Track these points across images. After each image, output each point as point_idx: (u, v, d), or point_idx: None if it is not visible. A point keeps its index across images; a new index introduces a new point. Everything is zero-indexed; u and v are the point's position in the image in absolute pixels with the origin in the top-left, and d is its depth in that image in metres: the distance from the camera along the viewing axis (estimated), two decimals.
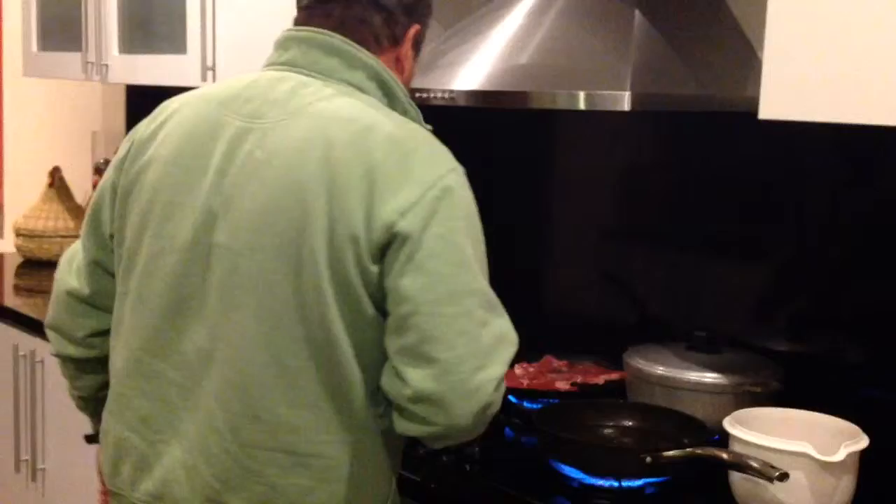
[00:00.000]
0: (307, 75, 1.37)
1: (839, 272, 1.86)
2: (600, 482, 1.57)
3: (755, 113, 1.51)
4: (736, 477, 1.49)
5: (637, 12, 1.77)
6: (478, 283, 1.28)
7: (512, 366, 2.03)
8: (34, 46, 3.16)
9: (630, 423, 1.73)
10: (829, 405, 1.60)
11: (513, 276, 2.32)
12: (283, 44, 1.42)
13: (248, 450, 1.30)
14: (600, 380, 1.95)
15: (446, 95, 1.83)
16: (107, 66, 2.80)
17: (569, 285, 2.26)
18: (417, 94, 1.85)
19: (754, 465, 1.40)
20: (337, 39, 1.37)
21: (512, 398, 1.95)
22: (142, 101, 3.45)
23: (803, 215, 1.91)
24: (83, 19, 2.84)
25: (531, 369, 2.03)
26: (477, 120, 2.20)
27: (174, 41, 2.57)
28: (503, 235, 2.34)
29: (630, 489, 1.57)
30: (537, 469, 1.67)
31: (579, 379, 1.96)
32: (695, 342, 1.85)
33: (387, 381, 1.29)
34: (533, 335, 2.21)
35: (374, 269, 1.25)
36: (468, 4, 2.33)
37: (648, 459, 1.51)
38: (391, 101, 1.39)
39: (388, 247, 1.25)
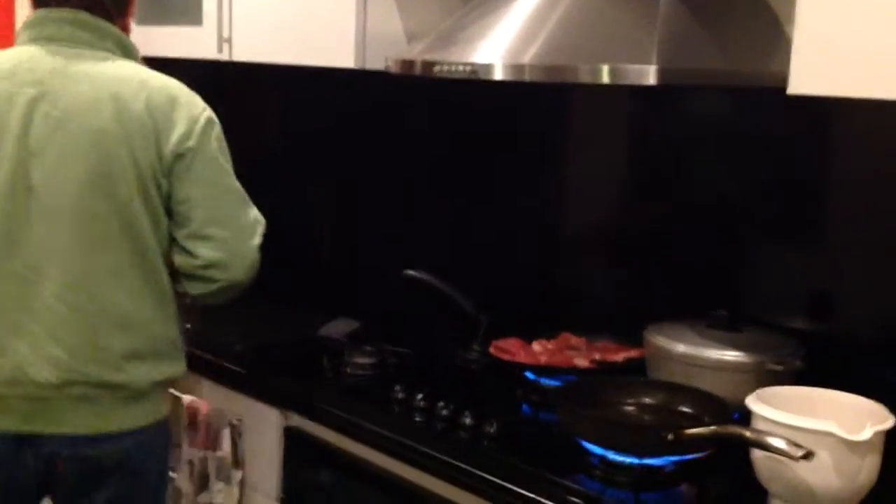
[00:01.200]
0: (71, 47, 1.76)
1: (862, 250, 1.83)
2: (621, 459, 1.55)
3: (782, 88, 1.49)
4: (759, 455, 1.47)
5: None
6: (236, 185, 1.79)
7: (530, 342, 2.04)
8: None
9: (651, 401, 1.72)
10: (851, 385, 1.59)
11: (532, 252, 2.32)
12: (40, 22, 1.79)
13: (90, 327, 1.72)
14: (619, 357, 1.94)
15: (468, 69, 1.80)
16: None
17: (586, 262, 2.24)
18: (437, 68, 1.83)
19: (779, 443, 1.38)
20: (85, 15, 1.76)
21: (530, 374, 1.94)
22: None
23: (827, 192, 1.89)
24: None
25: (549, 346, 2.02)
26: (499, 95, 2.18)
27: (189, 13, 2.55)
28: (523, 211, 2.33)
29: (651, 466, 1.55)
30: (557, 445, 1.67)
31: (598, 356, 1.95)
32: (715, 320, 1.84)
33: (179, 259, 1.77)
34: (550, 312, 2.22)
35: (165, 183, 1.74)
36: None
37: (671, 437, 1.50)
38: (134, 59, 1.82)
39: (173, 166, 1.73)
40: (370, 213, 2.64)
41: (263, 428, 2.02)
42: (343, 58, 2.15)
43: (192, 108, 1.76)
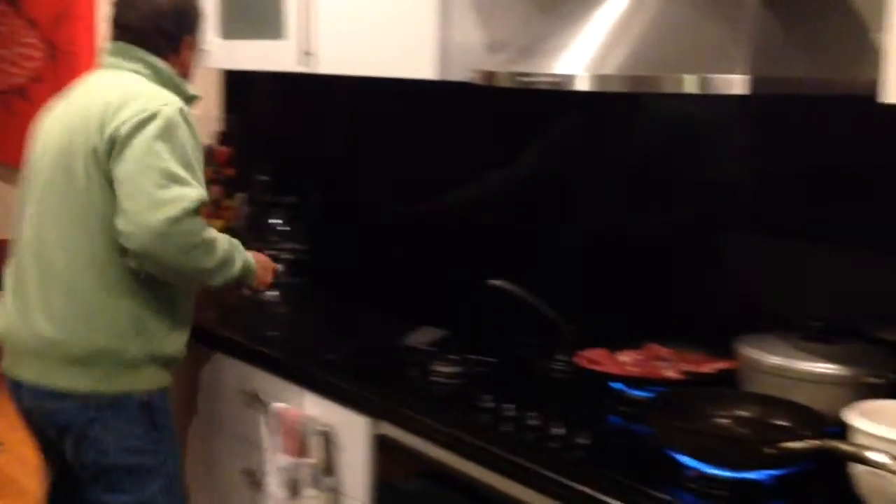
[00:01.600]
0: (107, 69, 2.24)
1: None
2: (717, 472, 1.54)
3: (871, 96, 1.47)
4: (859, 470, 1.45)
5: None
6: (163, 165, 2.02)
7: (615, 352, 2.03)
8: None
9: (745, 414, 1.69)
10: None
11: (619, 263, 2.30)
12: (103, 51, 2.29)
13: (45, 287, 2.13)
14: (710, 368, 1.92)
15: (551, 80, 1.80)
16: (207, 51, 2.83)
17: (671, 272, 2.22)
18: (519, 78, 1.83)
19: (881, 458, 1.36)
20: (124, 45, 2.23)
21: (618, 385, 1.93)
22: (238, 86, 3.51)
23: None
24: None
25: (637, 356, 2.01)
26: (586, 105, 2.18)
27: (273, 27, 2.59)
28: (615, 223, 2.32)
29: (748, 481, 1.54)
30: (650, 458, 1.65)
31: (687, 367, 1.93)
32: (809, 332, 1.81)
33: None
34: (635, 322, 2.20)
35: (107, 162, 2.06)
36: None
37: (769, 450, 1.48)
38: (161, 79, 2.21)
39: (111, 149, 2.06)
40: (454, 223, 2.64)
41: (353, 435, 2.04)
42: (425, 69, 2.16)
43: (144, 104, 2.07)
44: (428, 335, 2.27)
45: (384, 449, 1.97)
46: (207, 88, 3.55)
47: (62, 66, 4.35)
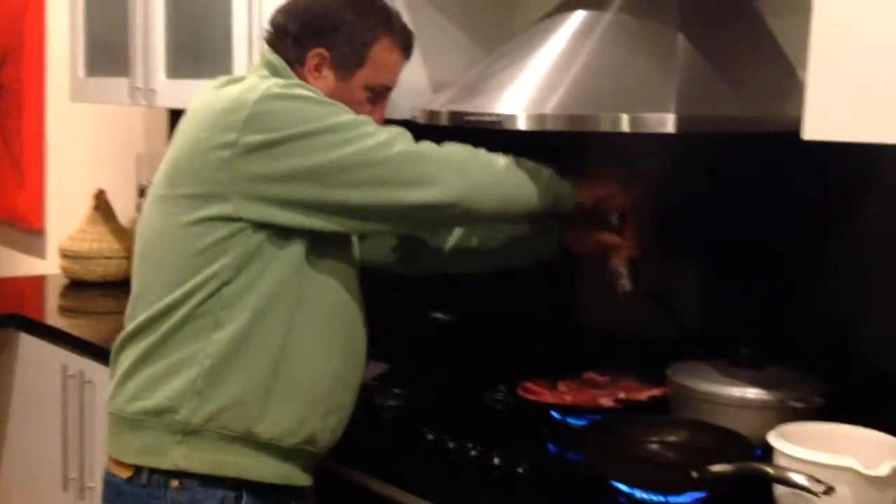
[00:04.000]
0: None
1: (879, 289, 1.88)
2: (648, 497, 1.59)
3: (797, 132, 1.54)
4: (781, 491, 1.51)
5: (680, 35, 1.80)
6: None
7: (555, 383, 2.09)
8: (81, 72, 3.23)
9: (675, 439, 1.76)
10: (871, 420, 1.63)
11: (553, 294, 2.36)
12: None
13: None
14: (643, 396, 1.98)
15: (493, 118, 1.86)
16: (154, 90, 2.87)
17: (607, 303, 2.28)
18: (466, 118, 1.89)
19: (801, 479, 1.42)
20: (266, 50, 1.84)
21: (556, 414, 1.99)
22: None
23: (846, 232, 1.93)
24: (130, 45, 2.92)
25: (574, 386, 2.06)
26: (523, 142, 2.24)
27: (221, 65, 2.63)
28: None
29: None
30: (584, 484, 1.71)
31: (622, 395, 1.99)
32: (738, 358, 1.88)
33: None
34: (574, 352, 2.26)
35: None
36: (509, 29, 2.39)
37: (695, 474, 1.54)
38: (278, 76, 1.78)
39: None
40: None
41: None
42: None
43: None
44: (371, 370, 2.31)
45: (326, 483, 2.00)
46: (154, 126, 3.59)
47: (8, 105, 4.37)
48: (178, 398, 1.69)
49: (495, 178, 1.73)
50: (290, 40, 1.81)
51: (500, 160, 1.75)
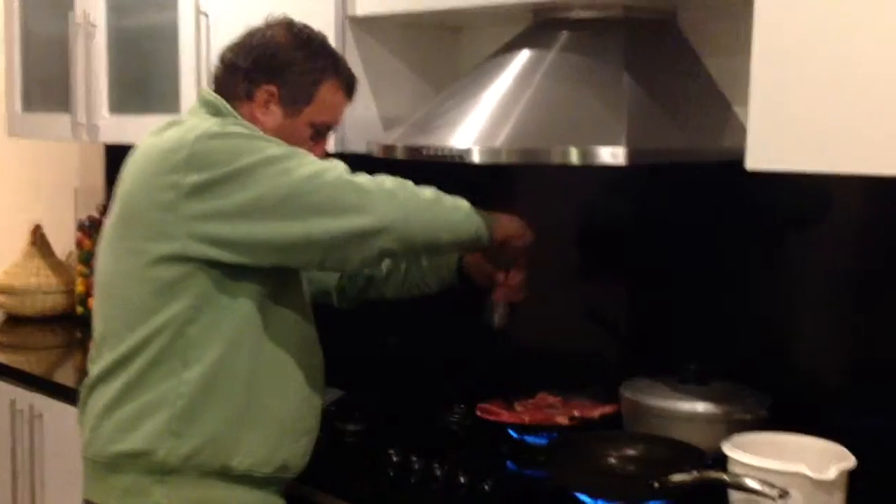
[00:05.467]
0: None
1: (814, 308, 2.02)
2: None
3: (734, 162, 1.66)
4: (737, 497, 1.63)
5: (625, 73, 1.92)
6: None
7: (512, 404, 2.18)
8: (18, 107, 3.23)
9: (633, 452, 1.86)
10: (811, 430, 1.75)
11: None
12: None
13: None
14: (596, 413, 2.09)
15: (450, 152, 1.95)
16: (97, 126, 2.89)
17: (557, 326, 2.39)
18: (424, 152, 1.98)
19: (757, 485, 1.53)
20: (204, 91, 1.92)
21: (513, 433, 2.08)
22: (120, 158, 3.55)
23: (783, 255, 2.07)
24: (72, 80, 2.93)
25: (530, 405, 2.16)
26: (476, 175, 2.33)
27: (167, 101, 2.67)
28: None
29: None
30: (548, 499, 1.80)
31: (576, 413, 2.09)
32: (686, 375, 2.00)
33: None
34: (528, 374, 2.36)
35: None
36: (455, 68, 2.49)
37: (656, 485, 1.64)
38: (219, 115, 1.83)
39: None
40: None
41: None
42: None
43: None
44: (327, 396, 2.36)
45: None
46: (91, 161, 3.60)
47: None
48: (154, 440, 1.73)
49: (424, 205, 1.75)
50: (240, 76, 1.86)
51: (427, 190, 1.78)
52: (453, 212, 1.79)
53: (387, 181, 1.74)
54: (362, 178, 1.73)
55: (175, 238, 1.70)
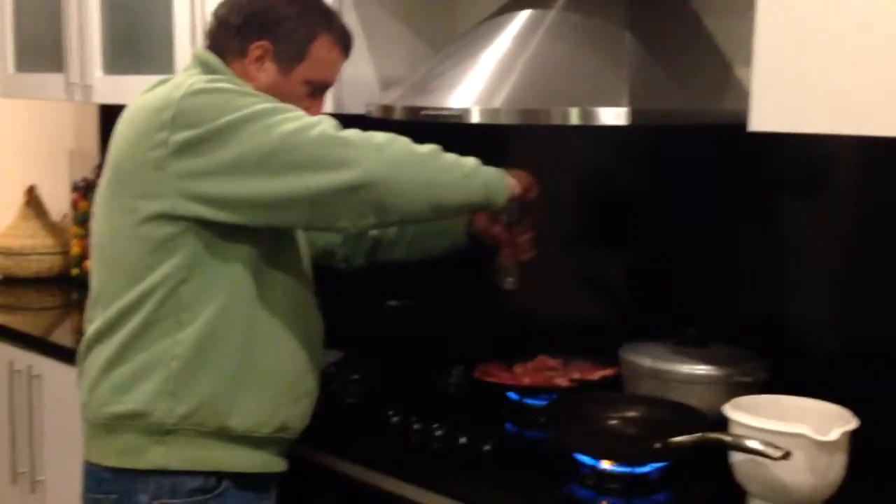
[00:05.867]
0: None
1: (813, 272, 2.02)
2: (612, 468, 1.70)
3: (736, 125, 1.65)
4: (738, 458, 1.63)
5: (627, 32, 1.90)
6: None
7: (511, 366, 2.18)
8: (10, 67, 3.20)
9: (633, 414, 1.86)
10: (810, 393, 1.75)
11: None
12: None
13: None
14: (596, 376, 2.09)
15: (450, 112, 1.93)
16: (90, 86, 2.87)
17: (559, 290, 2.39)
18: (423, 112, 1.96)
19: (760, 446, 1.53)
20: (198, 48, 1.90)
21: (513, 395, 2.08)
22: (114, 118, 3.52)
23: (782, 219, 2.06)
24: (65, 40, 2.90)
25: (529, 368, 2.16)
26: (475, 136, 2.32)
27: (161, 61, 2.64)
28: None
29: (639, 474, 1.70)
30: (548, 459, 1.81)
31: (576, 375, 2.09)
32: (685, 338, 1.99)
33: None
34: (527, 337, 2.36)
35: None
36: (452, 28, 2.47)
37: (658, 446, 1.64)
38: (212, 73, 1.80)
39: None
40: None
41: None
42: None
43: None
44: (326, 357, 2.36)
45: (296, 468, 2.05)
46: (85, 122, 3.57)
47: None
48: (150, 401, 1.73)
49: (416, 159, 1.69)
50: (232, 32, 1.83)
51: (423, 146, 1.72)
52: (452, 168, 1.72)
53: (377, 136, 1.69)
54: (349, 133, 1.68)
55: (165, 196, 1.68)
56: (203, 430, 1.75)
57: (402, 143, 1.70)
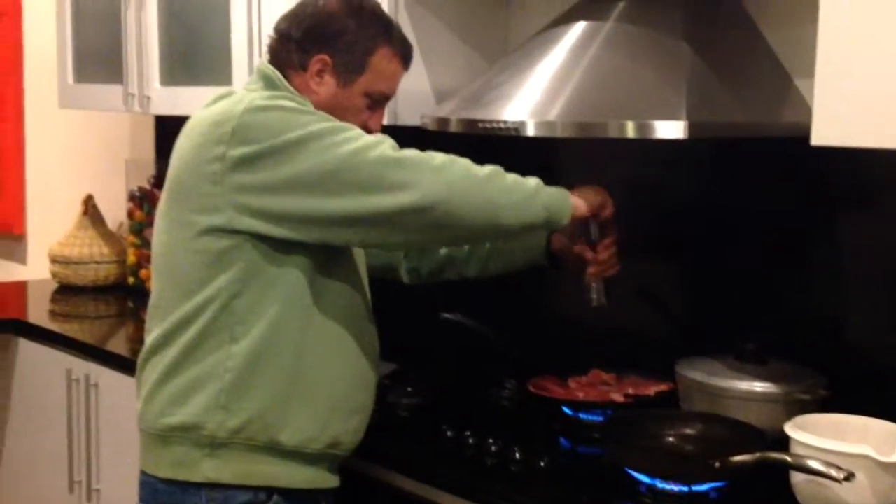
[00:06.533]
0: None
1: (874, 287, 1.98)
2: (670, 487, 1.68)
3: (797, 138, 1.62)
4: (799, 479, 1.60)
5: (684, 43, 1.88)
6: None
7: (565, 379, 2.16)
8: (70, 78, 3.25)
9: (690, 431, 1.84)
10: (872, 410, 1.72)
11: (562, 293, 2.43)
12: None
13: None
14: (651, 391, 2.07)
15: (507, 125, 1.92)
16: (148, 97, 2.90)
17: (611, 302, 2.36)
18: (481, 125, 1.95)
19: (822, 467, 1.51)
20: (262, 62, 1.90)
21: (567, 410, 2.06)
22: (170, 129, 3.56)
23: (843, 232, 2.03)
24: (124, 52, 2.94)
25: (583, 382, 2.14)
26: (529, 149, 2.31)
27: (218, 73, 2.67)
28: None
29: (697, 493, 1.68)
30: (605, 476, 1.79)
31: (631, 391, 2.07)
32: (743, 353, 1.97)
33: None
34: (579, 350, 2.35)
35: None
36: (507, 40, 2.46)
37: (717, 464, 1.62)
38: (273, 88, 1.82)
39: None
40: None
41: None
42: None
43: None
44: (382, 368, 2.37)
45: (350, 480, 2.05)
46: (141, 133, 3.62)
47: None
48: (203, 414, 1.74)
49: (476, 182, 1.69)
50: (293, 46, 1.84)
51: (484, 168, 1.72)
52: (512, 190, 1.72)
53: (436, 157, 1.70)
54: (408, 154, 1.69)
55: (221, 210, 1.70)
56: (254, 445, 1.75)
57: (462, 164, 1.71)
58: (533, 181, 1.76)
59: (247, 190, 1.68)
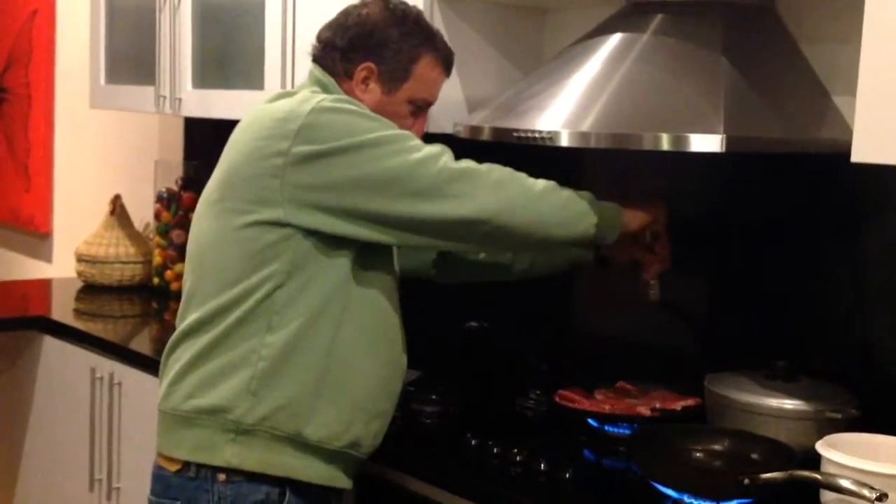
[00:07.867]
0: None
1: None
2: (697, 502, 1.66)
3: (836, 154, 1.61)
4: (830, 498, 1.58)
5: (723, 57, 1.87)
6: None
7: (591, 391, 2.15)
8: (102, 79, 3.27)
9: (718, 447, 1.82)
10: None
11: (587, 305, 2.42)
12: None
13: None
14: (678, 406, 2.05)
15: (541, 135, 1.92)
16: (180, 99, 2.91)
17: (638, 314, 2.35)
18: (515, 134, 1.95)
19: (854, 487, 1.49)
20: (314, 68, 1.92)
21: (593, 422, 2.05)
22: (199, 131, 3.58)
23: (873, 248, 2.01)
24: (157, 54, 2.95)
25: (610, 395, 2.13)
26: (561, 159, 2.30)
27: (251, 77, 2.68)
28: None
29: None
30: (631, 490, 1.77)
31: (658, 405, 2.05)
32: (773, 370, 1.95)
33: None
34: (606, 362, 2.33)
35: None
36: (541, 50, 2.46)
37: (746, 481, 1.60)
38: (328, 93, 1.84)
39: None
40: None
41: None
42: None
43: None
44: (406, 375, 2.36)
45: (371, 487, 2.05)
46: (170, 136, 3.63)
47: (15, 109, 4.38)
48: (232, 398, 1.76)
49: (530, 198, 1.77)
50: (337, 54, 1.88)
51: (539, 183, 1.79)
52: (565, 207, 1.79)
53: (495, 171, 1.77)
54: (468, 166, 1.76)
55: (278, 204, 1.73)
56: (278, 434, 1.76)
57: (519, 179, 1.78)
58: (587, 197, 1.83)
59: (309, 187, 1.73)
